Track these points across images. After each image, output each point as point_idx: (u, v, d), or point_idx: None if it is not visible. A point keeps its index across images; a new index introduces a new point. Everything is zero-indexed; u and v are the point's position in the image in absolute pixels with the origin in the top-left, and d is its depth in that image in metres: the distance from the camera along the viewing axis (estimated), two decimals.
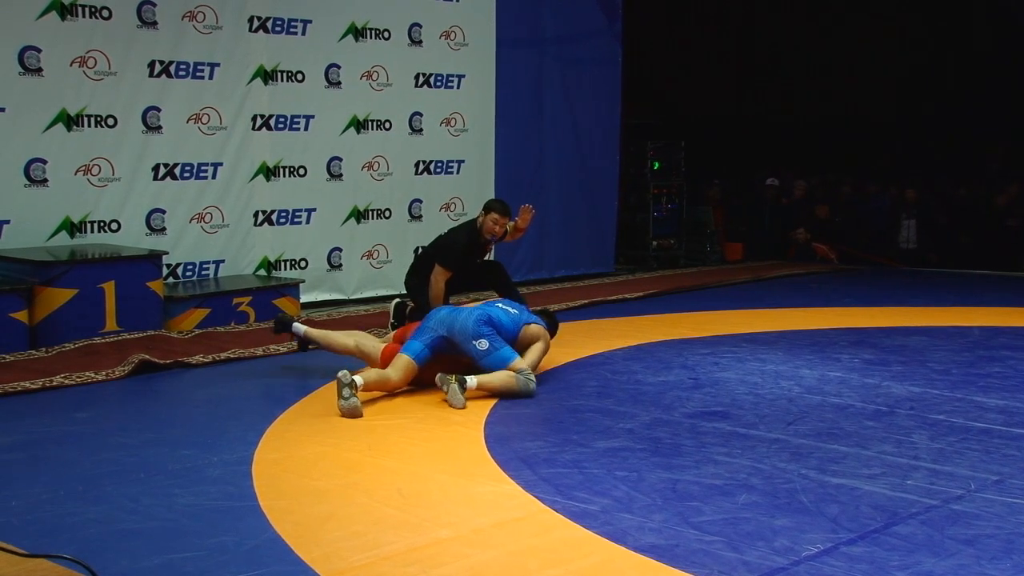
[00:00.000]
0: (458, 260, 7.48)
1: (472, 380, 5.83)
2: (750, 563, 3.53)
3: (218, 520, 3.93)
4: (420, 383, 6.07)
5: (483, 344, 6.03)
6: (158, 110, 8.34)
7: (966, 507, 4.09)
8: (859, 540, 3.75)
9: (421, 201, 10.01)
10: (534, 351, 6.25)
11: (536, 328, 6.37)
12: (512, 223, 7.65)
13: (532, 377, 6.02)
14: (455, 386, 5.73)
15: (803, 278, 11.49)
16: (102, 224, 8.15)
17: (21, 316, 6.96)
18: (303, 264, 9.28)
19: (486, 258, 8.06)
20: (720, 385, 6.22)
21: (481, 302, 6.70)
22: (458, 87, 10.20)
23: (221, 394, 6.12)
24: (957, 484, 4.37)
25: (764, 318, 8.70)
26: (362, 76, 9.51)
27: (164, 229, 8.45)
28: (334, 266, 9.48)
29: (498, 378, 5.94)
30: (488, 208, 7.58)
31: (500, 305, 6.43)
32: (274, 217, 9.09)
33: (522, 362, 6.05)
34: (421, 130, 9.96)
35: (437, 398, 5.86)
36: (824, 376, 6.44)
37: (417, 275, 7.71)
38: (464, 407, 5.67)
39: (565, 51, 11.13)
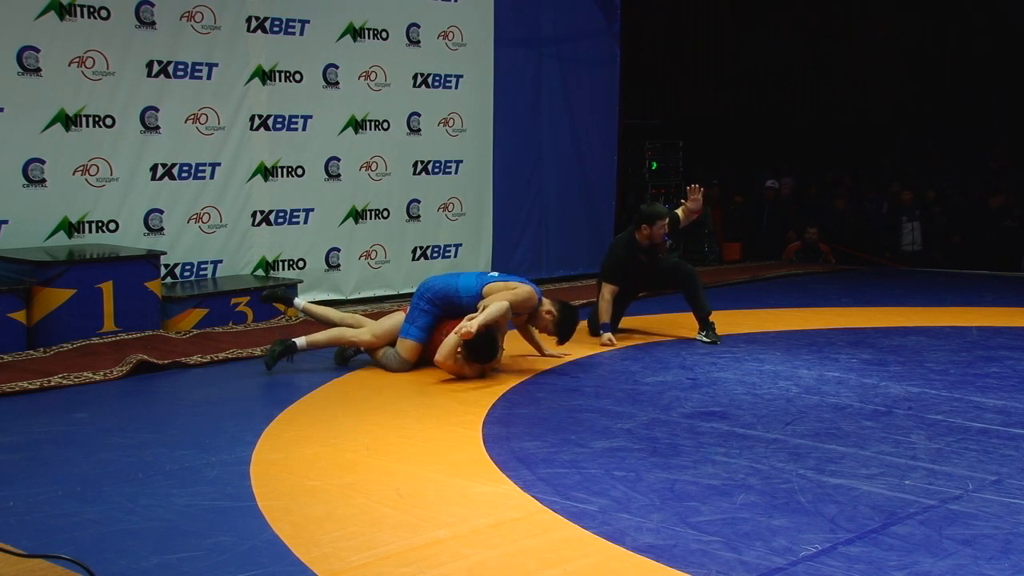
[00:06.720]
0: (616, 274, 7.66)
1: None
2: (748, 563, 3.53)
3: (216, 520, 3.93)
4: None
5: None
6: (156, 110, 8.35)
7: (964, 507, 4.09)
8: (857, 540, 3.75)
9: (419, 201, 10.01)
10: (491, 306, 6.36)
11: (496, 286, 6.52)
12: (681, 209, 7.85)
13: (393, 355, 6.51)
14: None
15: (801, 278, 11.49)
16: (100, 224, 8.15)
17: (19, 316, 6.96)
18: (301, 264, 9.28)
19: (671, 257, 8.10)
20: (718, 385, 6.22)
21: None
22: (456, 87, 10.19)
23: (219, 394, 6.11)
24: (955, 484, 4.37)
25: (762, 318, 8.70)
26: (360, 76, 9.51)
27: (162, 229, 8.45)
28: (332, 266, 9.47)
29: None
30: (653, 217, 7.61)
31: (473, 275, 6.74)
32: (272, 217, 9.09)
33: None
34: (419, 130, 9.96)
35: (435, 398, 5.86)
36: (822, 376, 6.44)
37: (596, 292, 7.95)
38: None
39: (563, 51, 11.12)
